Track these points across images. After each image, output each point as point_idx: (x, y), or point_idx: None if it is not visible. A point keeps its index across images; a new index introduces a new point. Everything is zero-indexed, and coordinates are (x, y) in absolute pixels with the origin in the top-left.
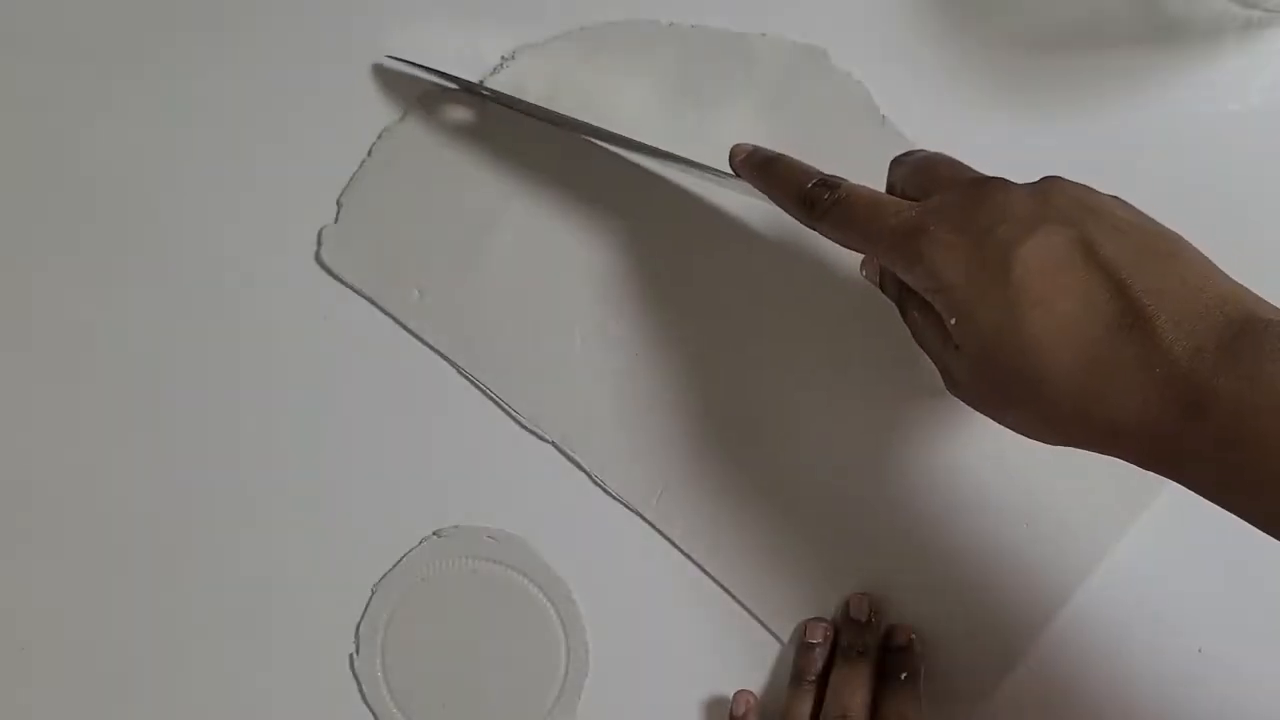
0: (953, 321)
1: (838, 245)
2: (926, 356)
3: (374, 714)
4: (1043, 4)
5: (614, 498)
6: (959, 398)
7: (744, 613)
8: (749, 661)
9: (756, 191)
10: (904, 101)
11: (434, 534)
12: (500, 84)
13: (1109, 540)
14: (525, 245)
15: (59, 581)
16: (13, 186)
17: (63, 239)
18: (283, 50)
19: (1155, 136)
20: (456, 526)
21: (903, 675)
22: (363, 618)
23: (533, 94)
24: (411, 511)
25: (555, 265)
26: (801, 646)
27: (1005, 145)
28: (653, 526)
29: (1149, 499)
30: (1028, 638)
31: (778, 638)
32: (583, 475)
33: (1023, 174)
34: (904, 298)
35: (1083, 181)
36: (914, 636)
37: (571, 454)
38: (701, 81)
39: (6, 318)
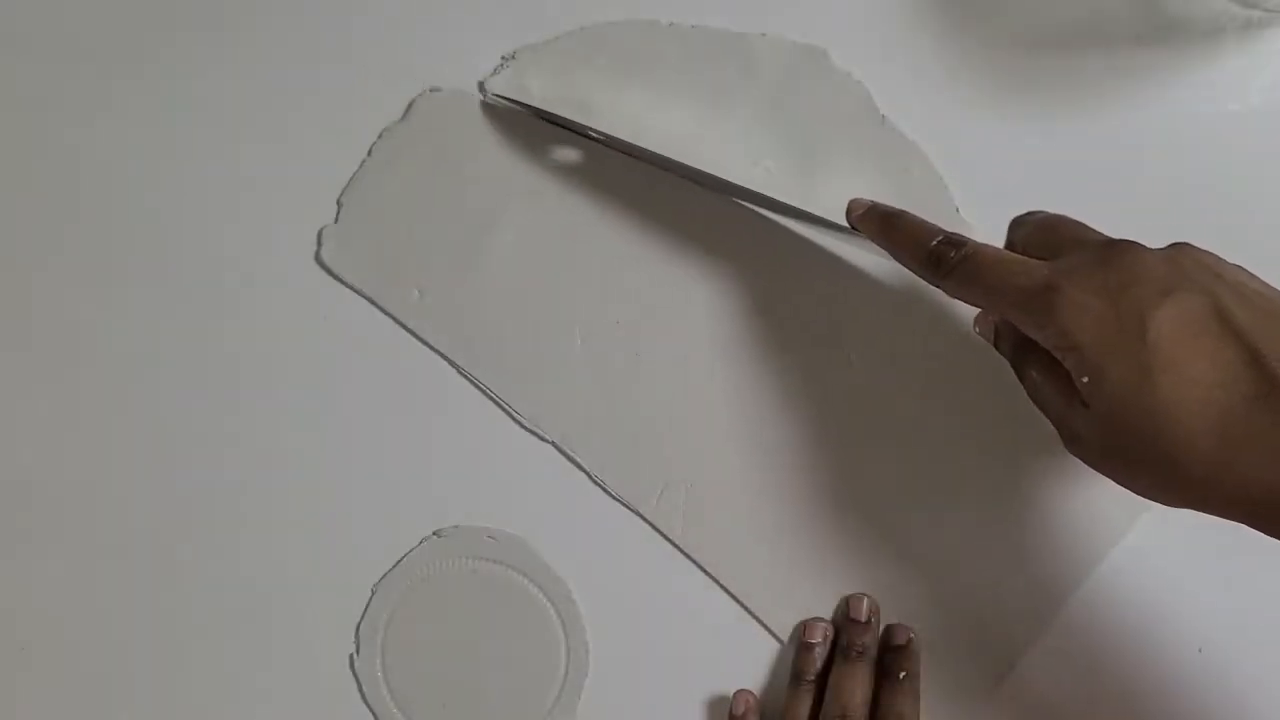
0: (1084, 380)
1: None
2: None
3: (374, 714)
4: (1043, 4)
5: (614, 498)
6: (1080, 457)
7: (744, 612)
8: (749, 661)
9: (758, 207)
10: (904, 101)
11: (434, 534)
12: (500, 84)
13: (1109, 540)
14: (525, 245)
15: (59, 581)
16: (13, 186)
17: (63, 239)
18: (283, 50)
19: (1155, 136)
20: (456, 526)
21: (901, 674)
22: (363, 618)
23: (533, 94)
24: (411, 511)
25: (555, 265)
26: (801, 646)
27: (1005, 145)
28: (653, 526)
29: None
30: (1027, 637)
31: (777, 637)
32: (583, 475)
33: (1021, 173)
34: (1021, 357)
35: (1083, 182)
36: (913, 636)
37: (571, 454)
38: (701, 81)
39: (6, 318)
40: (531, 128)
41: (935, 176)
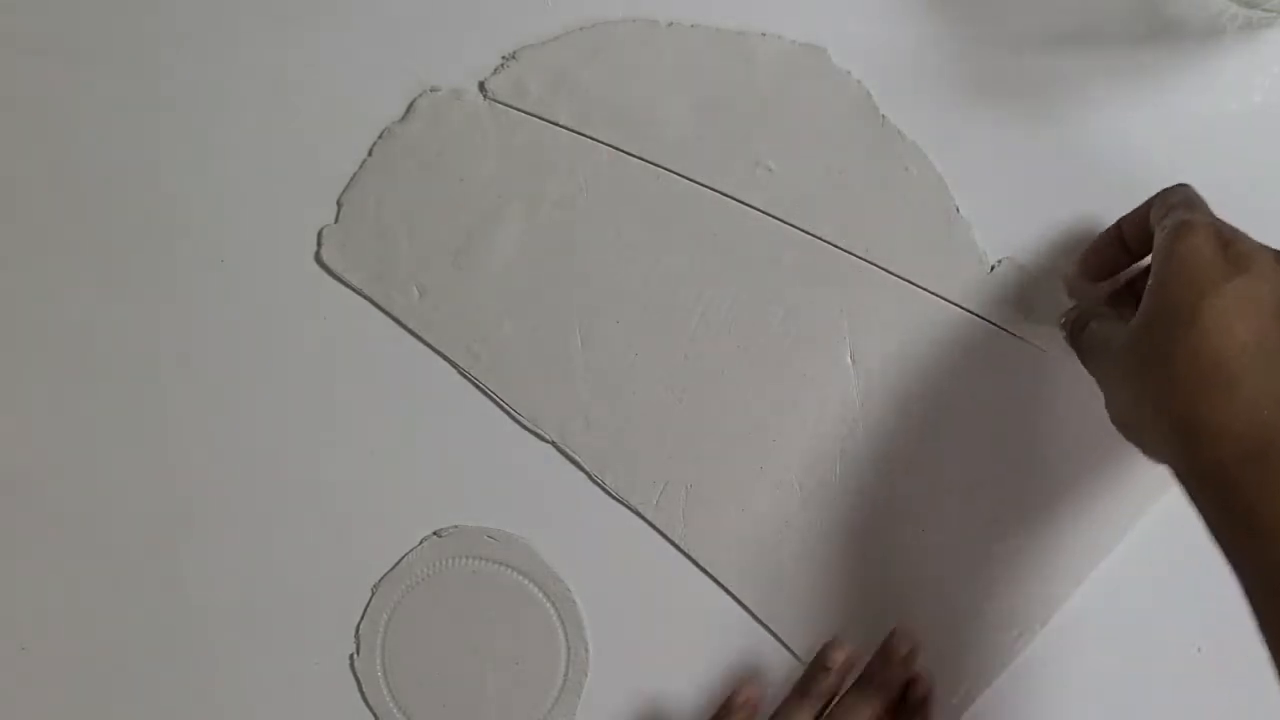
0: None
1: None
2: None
3: (374, 714)
4: (1042, 4)
5: (614, 498)
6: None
7: (743, 612)
8: (748, 660)
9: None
10: (904, 101)
11: (434, 534)
12: (500, 84)
13: (1110, 541)
14: (525, 245)
15: (59, 582)
16: (13, 186)
17: (63, 239)
18: (283, 50)
19: (1155, 136)
20: (456, 526)
21: None
22: (363, 618)
23: (533, 94)
24: (411, 511)
25: (555, 265)
26: (816, 665)
27: (1005, 145)
28: (653, 526)
29: (1150, 502)
30: (1028, 636)
31: (777, 636)
32: (583, 475)
33: (1021, 173)
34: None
35: (1082, 182)
36: (932, 690)
37: (571, 454)
38: (701, 81)
39: (6, 318)
40: (532, 129)
41: (935, 176)
